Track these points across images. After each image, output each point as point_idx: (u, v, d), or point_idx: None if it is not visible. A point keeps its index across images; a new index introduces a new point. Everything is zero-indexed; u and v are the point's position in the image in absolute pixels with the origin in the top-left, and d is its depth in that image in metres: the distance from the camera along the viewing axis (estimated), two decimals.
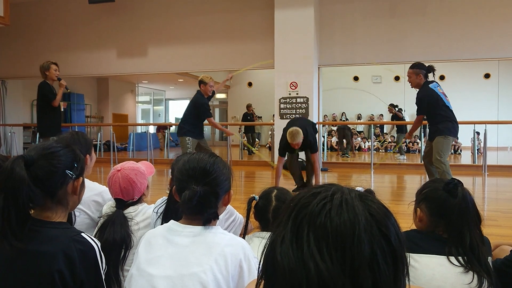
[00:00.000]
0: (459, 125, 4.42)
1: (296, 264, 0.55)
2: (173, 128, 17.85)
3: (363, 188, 0.72)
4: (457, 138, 4.43)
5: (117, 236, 1.59)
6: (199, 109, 5.38)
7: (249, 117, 12.92)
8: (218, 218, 1.26)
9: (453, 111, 4.44)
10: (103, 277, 1.19)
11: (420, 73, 4.43)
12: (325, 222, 0.56)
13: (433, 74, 4.49)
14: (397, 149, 10.30)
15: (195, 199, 1.19)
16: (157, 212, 1.71)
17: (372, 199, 0.61)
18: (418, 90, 4.51)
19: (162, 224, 1.38)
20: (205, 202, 1.21)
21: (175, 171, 1.30)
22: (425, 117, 4.53)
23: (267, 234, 1.57)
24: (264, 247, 0.62)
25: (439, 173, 4.30)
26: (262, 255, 0.62)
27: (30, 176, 1.11)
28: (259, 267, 0.63)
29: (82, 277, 1.13)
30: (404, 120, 11.09)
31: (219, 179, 1.26)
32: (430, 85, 4.39)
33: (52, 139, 1.72)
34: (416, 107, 4.49)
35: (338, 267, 0.53)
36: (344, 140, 12.36)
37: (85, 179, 1.93)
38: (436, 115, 4.36)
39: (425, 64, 4.51)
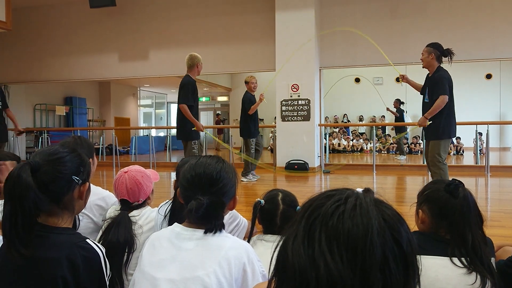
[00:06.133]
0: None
1: (306, 262, 0.56)
2: (174, 131, 17.87)
3: (362, 188, 0.72)
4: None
5: (121, 238, 1.59)
6: (184, 91, 4.91)
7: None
8: (224, 228, 1.26)
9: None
10: (107, 283, 1.19)
11: (432, 52, 4.25)
12: (337, 223, 0.57)
13: (450, 58, 4.25)
14: (396, 139, 10.25)
15: (201, 210, 1.18)
16: (162, 214, 1.72)
17: (387, 205, 0.62)
18: (431, 72, 4.33)
19: (167, 226, 1.39)
20: (212, 212, 1.20)
21: (180, 175, 1.30)
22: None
23: (270, 237, 1.58)
24: (277, 245, 0.63)
25: (436, 177, 4.15)
26: (273, 253, 0.63)
27: (36, 182, 1.11)
28: (270, 267, 0.64)
29: (86, 283, 1.12)
30: (403, 120, 11.07)
31: (226, 187, 1.24)
32: None
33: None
34: (435, 88, 4.18)
35: (348, 267, 0.54)
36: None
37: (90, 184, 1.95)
38: (446, 104, 4.17)
39: (442, 46, 4.31)
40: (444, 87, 4.15)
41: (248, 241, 1.54)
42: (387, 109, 11.08)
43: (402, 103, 11.20)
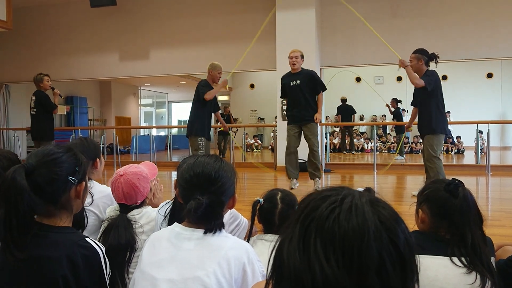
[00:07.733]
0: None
1: (302, 266, 0.55)
2: (175, 131, 17.88)
3: (363, 188, 0.72)
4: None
5: (121, 240, 1.59)
6: (198, 92, 4.84)
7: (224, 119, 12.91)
8: (224, 227, 1.25)
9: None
10: (107, 282, 1.18)
11: (421, 58, 4.45)
12: (333, 226, 0.56)
13: (436, 61, 4.49)
14: (397, 151, 10.26)
15: (201, 210, 1.17)
16: (162, 214, 1.72)
17: (384, 205, 0.61)
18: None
19: (168, 226, 1.38)
20: (211, 211, 1.19)
21: (178, 176, 1.29)
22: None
23: (270, 237, 1.57)
24: (274, 247, 0.62)
25: (431, 172, 4.32)
26: (271, 255, 0.62)
27: (30, 185, 1.09)
28: (268, 267, 0.63)
29: (86, 282, 1.12)
30: (402, 119, 11.05)
31: (225, 186, 1.23)
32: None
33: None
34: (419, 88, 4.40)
35: (344, 272, 0.53)
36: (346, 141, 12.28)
37: (94, 182, 1.95)
38: (434, 102, 4.37)
39: (428, 51, 4.51)
40: (428, 79, 4.36)
41: (248, 241, 1.53)
42: (386, 105, 11.09)
43: (399, 101, 11.19)
